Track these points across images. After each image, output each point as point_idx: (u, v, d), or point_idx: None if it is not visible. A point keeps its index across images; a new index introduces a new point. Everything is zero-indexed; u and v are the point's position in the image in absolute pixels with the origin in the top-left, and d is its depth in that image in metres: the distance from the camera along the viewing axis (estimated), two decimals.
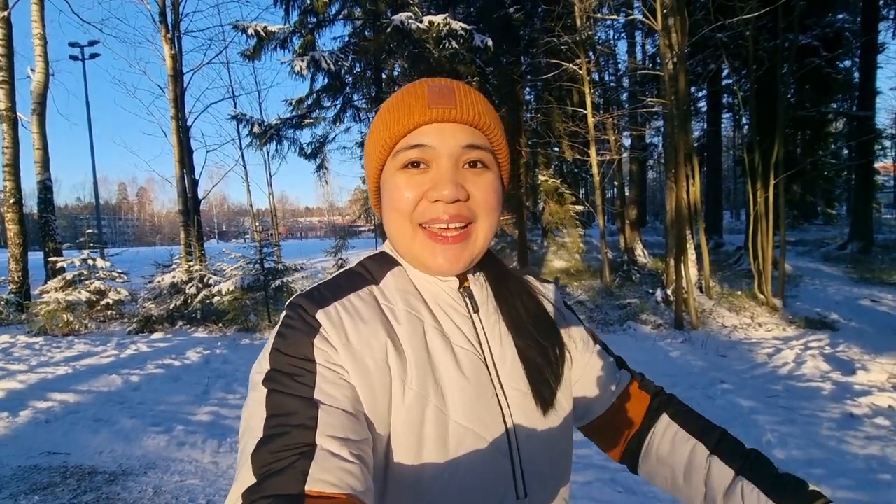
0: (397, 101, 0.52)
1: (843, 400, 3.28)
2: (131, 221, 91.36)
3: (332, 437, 0.40)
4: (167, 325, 6.89)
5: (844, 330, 5.18)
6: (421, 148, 0.50)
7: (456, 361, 0.50)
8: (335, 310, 0.49)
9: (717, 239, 12.55)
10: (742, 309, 6.22)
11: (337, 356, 0.46)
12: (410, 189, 0.50)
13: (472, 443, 0.48)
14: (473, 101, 0.51)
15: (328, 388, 0.44)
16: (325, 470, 0.37)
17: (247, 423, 0.43)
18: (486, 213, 0.52)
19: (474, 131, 0.51)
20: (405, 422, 0.46)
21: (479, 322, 0.54)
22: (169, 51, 9.62)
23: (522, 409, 0.52)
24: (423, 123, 0.50)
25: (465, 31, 7.66)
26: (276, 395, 0.43)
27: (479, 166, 0.51)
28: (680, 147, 5.94)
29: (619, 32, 13.62)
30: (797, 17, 6.14)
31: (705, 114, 14.55)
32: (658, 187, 37.78)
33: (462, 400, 0.49)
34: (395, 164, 0.51)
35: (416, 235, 0.51)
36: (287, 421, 0.41)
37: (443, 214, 0.49)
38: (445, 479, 0.46)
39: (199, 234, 9.72)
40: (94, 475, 2.70)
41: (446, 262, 0.51)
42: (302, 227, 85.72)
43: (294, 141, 9.09)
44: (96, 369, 4.76)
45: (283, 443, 0.39)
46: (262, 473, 0.37)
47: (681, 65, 5.90)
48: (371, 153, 0.55)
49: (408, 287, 0.54)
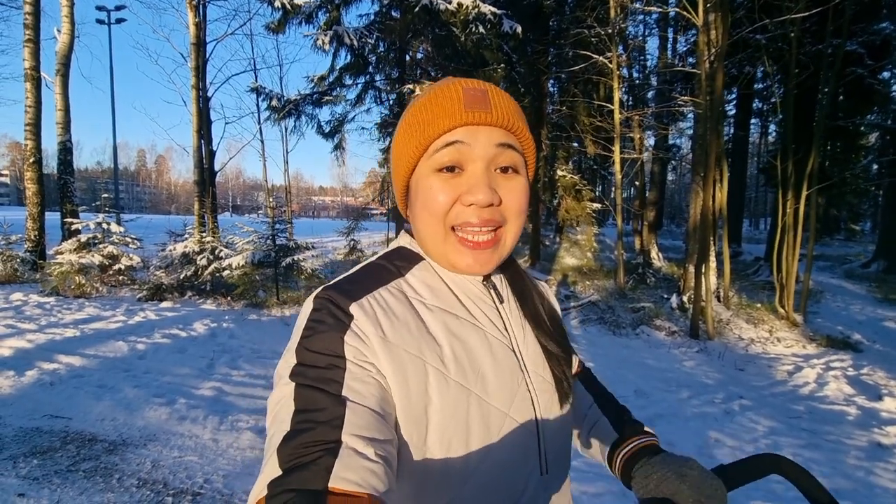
0: (431, 101, 0.52)
1: (870, 427, 3.13)
2: (149, 189, 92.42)
3: (357, 436, 0.40)
4: (176, 294, 6.89)
5: (868, 352, 4.98)
6: (457, 145, 0.50)
7: (490, 350, 0.52)
8: (368, 303, 0.49)
9: (736, 247, 12.27)
10: (760, 322, 6.04)
11: (369, 352, 0.46)
12: (445, 192, 0.51)
13: (510, 426, 0.51)
14: (506, 105, 0.52)
15: (357, 385, 0.44)
16: (348, 468, 0.38)
17: (275, 415, 0.43)
18: (516, 218, 0.53)
19: (507, 134, 0.52)
20: (451, 413, 0.47)
21: (506, 311, 0.57)
22: (193, 18, 9.51)
23: (545, 393, 0.55)
24: (459, 126, 0.50)
25: (494, 16, 7.44)
26: (305, 389, 0.43)
27: (510, 171, 0.53)
28: (711, 150, 5.71)
29: (651, 28, 13.19)
30: (847, 20, 5.82)
31: (733, 118, 14.14)
32: (676, 189, 37.16)
33: (499, 387, 0.51)
34: (430, 166, 0.52)
35: (448, 238, 0.52)
36: (314, 417, 0.41)
37: (475, 218, 0.51)
38: (488, 463, 0.49)
39: (213, 206, 9.71)
40: (94, 443, 2.67)
41: (477, 263, 0.52)
42: (315, 205, 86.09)
43: (313, 117, 8.97)
44: (104, 334, 4.75)
45: (309, 438, 0.39)
46: (288, 466, 0.38)
47: (719, 63, 5.64)
48: (401, 153, 0.54)
49: (435, 281, 0.55)
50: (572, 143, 11.38)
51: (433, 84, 0.55)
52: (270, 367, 4.07)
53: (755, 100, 13.88)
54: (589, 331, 5.96)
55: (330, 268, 9.73)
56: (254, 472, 2.41)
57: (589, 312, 6.71)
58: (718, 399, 3.61)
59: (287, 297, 6.75)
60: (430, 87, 0.55)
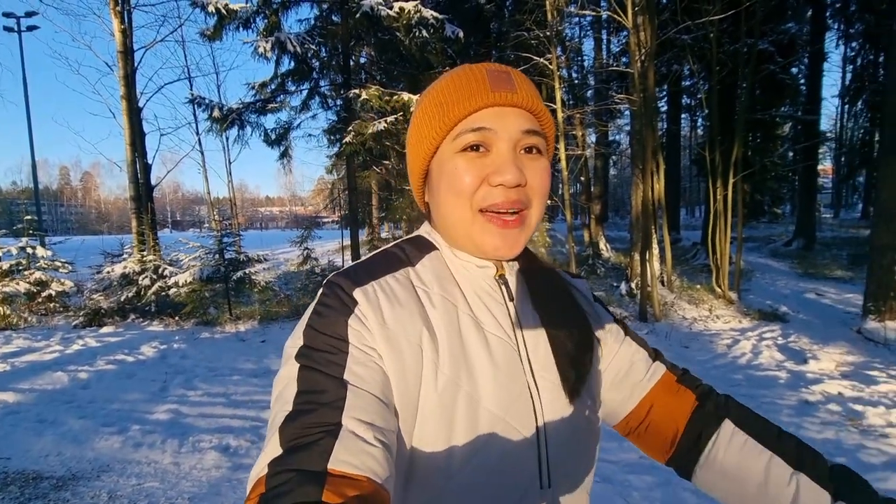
0: (454, 82, 0.52)
1: (798, 388, 3.47)
2: (75, 208, 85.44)
3: (357, 420, 0.40)
4: (118, 318, 6.46)
5: (794, 321, 5.49)
6: (482, 131, 0.49)
7: (488, 349, 0.50)
8: (372, 289, 0.49)
9: (675, 235, 13.08)
10: (701, 302, 6.49)
11: (370, 337, 0.46)
12: (471, 172, 0.50)
13: (502, 431, 0.48)
14: (529, 86, 0.52)
15: (358, 369, 0.44)
16: (348, 451, 0.38)
17: (278, 395, 0.44)
18: (540, 199, 0.52)
19: (531, 117, 0.52)
20: (437, 406, 0.46)
21: (515, 310, 0.54)
22: (118, 25, 8.96)
23: (553, 399, 0.51)
24: (486, 106, 0.49)
25: (437, 21, 7.54)
26: (308, 371, 0.44)
27: (535, 152, 0.52)
28: (647, 144, 6.09)
29: (586, 30, 13.84)
30: (758, 21, 6.39)
31: (665, 114, 15.09)
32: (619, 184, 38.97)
33: (493, 388, 0.48)
34: (454, 148, 0.51)
35: (476, 219, 0.51)
36: (316, 399, 0.41)
37: (501, 198, 0.49)
38: (473, 465, 0.47)
39: (152, 223, 9.16)
40: (40, 480, 2.48)
41: (504, 244, 0.51)
42: (262, 217, 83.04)
43: (257, 126, 8.70)
44: (38, 366, 4.39)
45: (310, 419, 0.40)
46: (289, 446, 0.38)
47: (649, 62, 6.03)
48: (422, 136, 0.53)
49: (443, 272, 0.54)
50: None
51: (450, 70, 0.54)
52: (230, 384, 3.93)
53: (684, 96, 14.88)
54: None
55: (283, 279, 9.46)
56: (221, 492, 2.34)
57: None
58: None
59: (240, 312, 6.51)
60: (448, 72, 0.54)
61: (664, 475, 2.31)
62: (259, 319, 6.28)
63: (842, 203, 25.12)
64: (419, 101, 0.55)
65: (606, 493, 2.21)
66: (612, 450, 2.55)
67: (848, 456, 2.48)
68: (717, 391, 0.60)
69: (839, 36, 15.91)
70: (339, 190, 14.78)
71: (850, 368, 3.86)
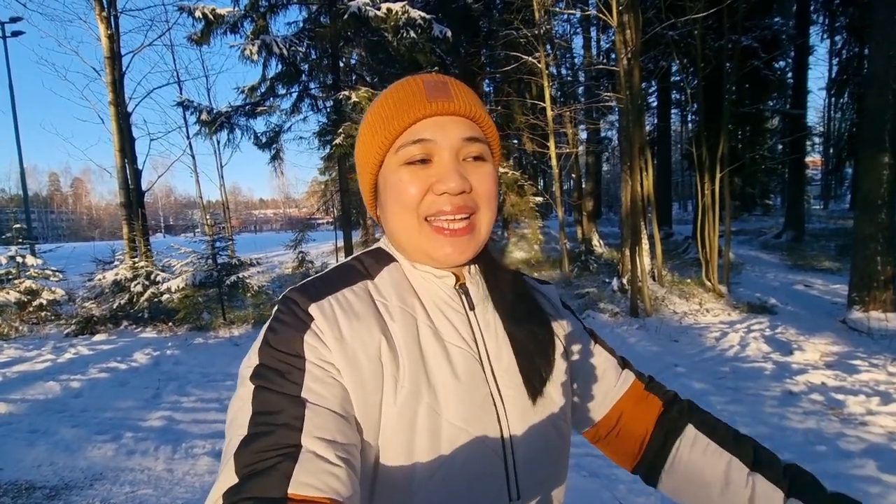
0: (392, 96, 0.52)
1: (783, 379, 3.53)
2: (65, 215, 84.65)
3: (317, 439, 0.39)
4: (110, 325, 6.45)
5: (782, 313, 5.57)
6: (423, 143, 0.50)
7: (449, 360, 0.49)
8: (329, 304, 0.48)
9: (667, 229, 13.18)
10: (691, 296, 6.56)
11: (328, 353, 0.45)
12: (415, 183, 0.50)
13: (466, 443, 0.47)
14: (467, 94, 0.52)
15: (316, 386, 0.43)
16: (308, 473, 0.36)
17: (232, 419, 0.42)
18: (488, 203, 0.52)
19: (471, 124, 0.52)
20: (397, 420, 0.46)
21: (476, 319, 0.54)
22: (105, 30, 8.90)
23: (518, 409, 0.51)
24: (424, 117, 0.50)
25: (424, 21, 7.56)
26: (263, 391, 0.42)
27: (477, 160, 0.52)
28: (635, 140, 6.14)
29: (576, 28, 13.90)
30: (741, 18, 6.47)
31: (655, 109, 15.18)
32: (611, 180, 39.12)
33: (455, 399, 0.48)
34: (397, 161, 0.51)
35: (423, 229, 0.51)
36: (272, 420, 0.40)
37: (448, 206, 0.50)
38: (437, 479, 0.46)
39: (143, 229, 9.12)
40: (32, 491, 2.49)
41: (455, 251, 0.51)
42: (256, 219, 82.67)
43: (247, 129, 8.68)
44: (30, 376, 4.38)
45: (267, 442, 0.38)
46: (245, 474, 0.36)
47: (635, 60, 6.09)
48: (367, 151, 0.54)
49: (402, 283, 0.54)
50: (511, 141, 11.74)
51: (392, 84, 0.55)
52: (223, 389, 3.95)
53: (673, 91, 14.99)
54: None
55: (278, 283, 9.46)
56: None
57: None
58: (656, 369, 3.92)
59: (234, 316, 6.51)
60: (389, 87, 0.54)
61: None
62: (253, 324, 6.28)
63: (830, 194, 25.37)
64: (365, 115, 0.56)
65: (594, 487, 2.25)
66: None
67: (828, 444, 2.54)
68: (681, 397, 0.62)
69: (824, 29, 16.08)
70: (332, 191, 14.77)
71: (833, 358, 3.93)
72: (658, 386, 0.62)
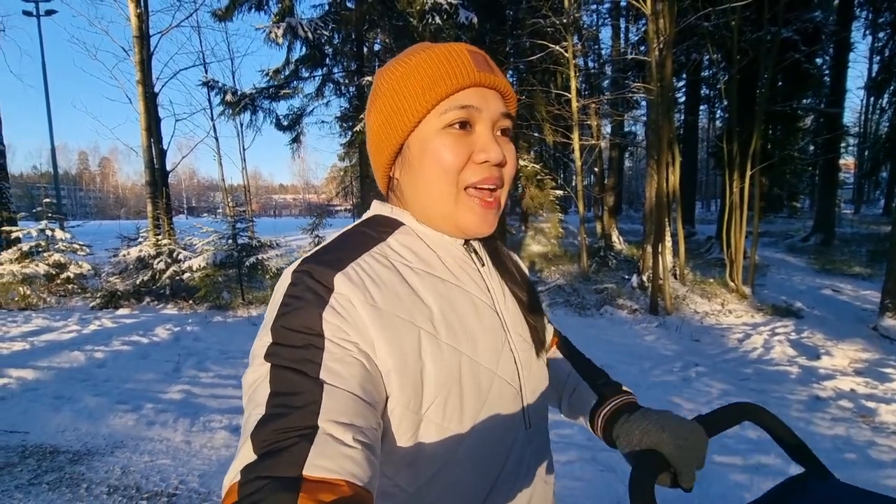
0: (436, 58, 0.52)
1: (809, 383, 3.42)
2: (93, 193, 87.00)
3: (335, 422, 0.39)
4: (133, 300, 6.60)
5: (808, 317, 5.39)
6: (469, 109, 0.51)
7: (476, 311, 0.53)
8: (354, 271, 0.48)
9: (690, 228, 12.88)
10: (714, 296, 6.40)
11: (350, 328, 0.44)
12: (458, 150, 0.51)
13: (498, 385, 0.52)
14: (502, 73, 0.55)
15: (336, 366, 0.42)
16: (324, 455, 0.37)
17: (250, 397, 0.42)
18: (510, 181, 0.56)
19: (504, 101, 0.55)
20: (445, 375, 0.48)
21: (486, 274, 0.58)
22: (134, 10, 9.01)
23: (525, 352, 0.57)
24: (472, 85, 0.51)
25: (451, 6, 7.44)
26: (281, 370, 0.41)
27: (507, 135, 0.55)
28: (663, 134, 5.97)
29: (604, 17, 13.54)
30: (782, 8, 6.19)
31: (683, 104, 14.77)
32: (633, 175, 38.43)
33: (487, 348, 0.52)
34: (440, 123, 0.51)
35: (459, 198, 0.52)
36: (290, 402, 0.40)
37: (488, 175, 0.52)
38: (480, 422, 0.50)
39: (167, 208, 9.30)
40: (56, 455, 2.56)
41: (484, 223, 0.54)
42: (276, 204, 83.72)
43: (270, 111, 8.73)
44: (57, 345, 4.52)
45: (285, 423, 0.38)
46: (262, 452, 0.37)
47: (667, 51, 5.89)
48: (402, 108, 0.52)
49: (418, 245, 0.55)
50: (533, 133, 11.57)
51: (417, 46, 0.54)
52: (241, 366, 4.00)
53: (703, 86, 14.54)
54: (556, 313, 6.15)
55: None
56: None
57: (555, 296, 6.91)
58: (677, 368, 3.84)
59: (253, 297, 6.60)
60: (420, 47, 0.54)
61: None
62: None
63: (863, 199, 24.47)
64: (388, 75, 0.54)
65: (610, 482, 2.21)
66: None
67: (858, 452, 2.44)
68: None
69: (866, 25, 15.37)
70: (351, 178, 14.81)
71: (864, 365, 3.78)
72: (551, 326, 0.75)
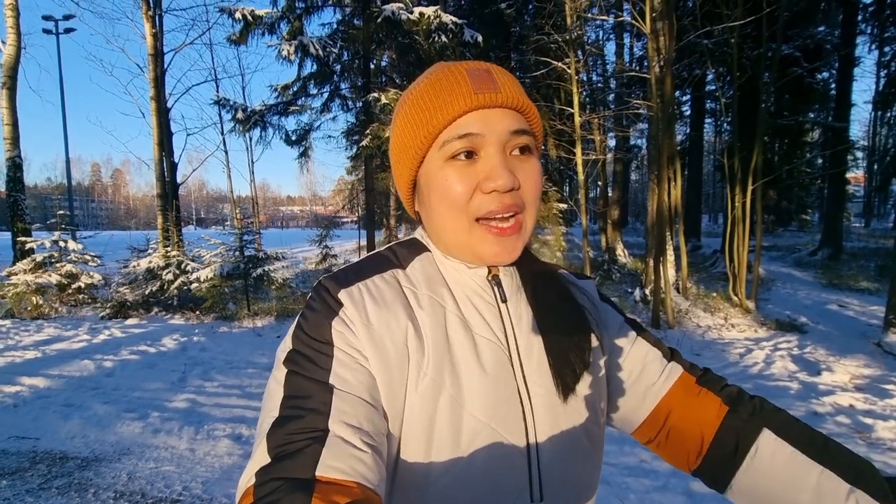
0: (433, 86, 0.49)
1: (808, 399, 3.42)
2: (105, 204, 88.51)
3: (344, 424, 0.40)
4: (142, 311, 6.73)
5: (812, 332, 5.37)
6: (470, 138, 0.47)
7: (476, 352, 0.48)
8: (357, 290, 0.48)
9: (695, 241, 12.86)
10: (716, 310, 6.40)
11: (356, 339, 0.45)
12: (463, 182, 0.47)
13: (488, 438, 0.46)
14: (512, 83, 0.49)
15: (344, 372, 0.43)
16: (335, 457, 0.38)
17: (267, 401, 0.44)
18: (534, 202, 0.50)
19: (518, 115, 0.49)
20: (419, 409, 0.45)
21: (507, 312, 0.52)
22: (150, 29, 9.33)
23: (546, 407, 0.49)
24: (469, 110, 0.47)
25: (456, 25, 7.63)
26: (295, 376, 0.44)
27: (525, 153, 0.50)
28: (663, 149, 6.05)
29: (608, 34, 13.74)
30: (781, 26, 6.29)
31: (688, 118, 14.85)
32: (640, 189, 38.40)
33: (480, 392, 0.46)
34: (441, 156, 0.48)
35: (473, 230, 0.49)
36: (302, 404, 0.41)
37: (497, 205, 0.47)
38: (455, 473, 0.45)
39: (176, 220, 9.49)
40: (66, 460, 2.64)
41: (504, 251, 0.49)
42: (283, 216, 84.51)
43: (279, 127, 8.93)
44: (67, 354, 4.63)
45: (297, 426, 0.40)
46: (276, 454, 0.38)
47: (667, 68, 6.00)
48: (406, 146, 0.51)
49: (433, 273, 0.53)
50: None
51: (431, 69, 0.52)
52: (245, 377, 4.07)
53: (707, 100, 14.63)
54: None
55: (301, 277, 9.66)
56: (233, 478, 2.45)
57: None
58: None
59: (258, 308, 6.70)
60: (428, 72, 0.52)
61: (662, 479, 2.32)
62: (276, 316, 6.45)
63: (873, 212, 24.26)
64: (400, 106, 0.52)
65: (603, 494, 2.24)
66: (612, 453, 2.57)
67: None
68: (748, 392, 0.54)
69: (872, 40, 15.41)
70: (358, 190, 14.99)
71: (865, 381, 3.77)
72: (716, 379, 0.55)
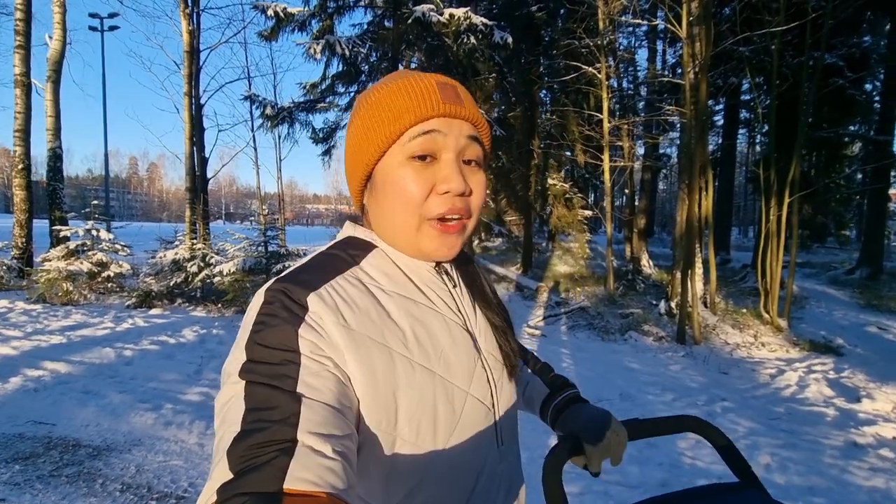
0: (404, 90, 0.52)
1: (846, 428, 3.19)
2: (140, 196, 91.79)
3: (314, 434, 0.38)
4: (166, 301, 6.86)
5: (850, 356, 5.07)
6: (433, 135, 0.51)
7: (449, 332, 0.54)
8: (327, 293, 0.48)
9: (724, 255, 12.43)
10: (746, 327, 6.12)
11: (325, 345, 0.45)
12: (420, 182, 0.51)
13: (471, 404, 0.53)
14: (472, 102, 0.55)
15: (312, 380, 0.42)
16: (305, 467, 0.36)
17: (223, 417, 0.41)
18: (477, 211, 0.56)
19: (475, 129, 0.55)
20: (419, 396, 0.48)
21: (458, 295, 0.59)
22: (187, 26, 9.58)
23: (496, 370, 0.58)
24: (436, 116, 0.51)
25: (486, 27, 7.57)
26: (256, 386, 0.41)
27: (474, 165, 0.55)
28: (696, 158, 5.83)
29: (641, 40, 13.45)
30: (825, 34, 5.99)
31: (721, 128, 14.40)
32: (667, 198, 37.55)
33: (459, 366, 0.53)
34: (403, 153, 0.52)
35: (422, 229, 0.53)
36: (267, 416, 0.39)
37: (450, 208, 0.52)
38: (454, 441, 0.51)
39: (204, 213, 9.70)
40: (78, 448, 2.66)
41: (444, 246, 0.54)
42: (309, 213, 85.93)
43: (306, 124, 9.03)
44: (91, 341, 4.73)
45: (262, 438, 0.37)
46: (240, 469, 0.35)
47: (702, 75, 5.78)
48: (370, 139, 0.53)
49: (390, 268, 0.56)
50: (564, 152, 11.51)
51: (395, 74, 0.55)
52: None
53: (742, 110, 14.15)
54: (577, 336, 6.01)
55: None
56: None
57: (578, 318, 6.77)
58: (701, 401, 3.66)
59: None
60: (394, 77, 0.55)
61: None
62: None
63: None
64: (362, 102, 0.56)
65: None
66: None
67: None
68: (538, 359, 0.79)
69: None
70: None
71: None
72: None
